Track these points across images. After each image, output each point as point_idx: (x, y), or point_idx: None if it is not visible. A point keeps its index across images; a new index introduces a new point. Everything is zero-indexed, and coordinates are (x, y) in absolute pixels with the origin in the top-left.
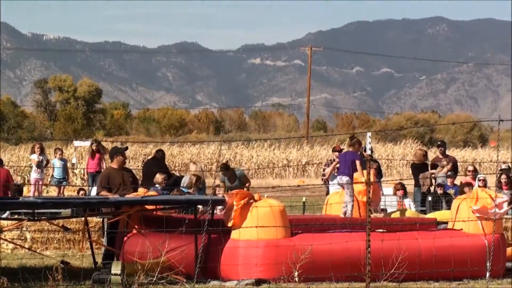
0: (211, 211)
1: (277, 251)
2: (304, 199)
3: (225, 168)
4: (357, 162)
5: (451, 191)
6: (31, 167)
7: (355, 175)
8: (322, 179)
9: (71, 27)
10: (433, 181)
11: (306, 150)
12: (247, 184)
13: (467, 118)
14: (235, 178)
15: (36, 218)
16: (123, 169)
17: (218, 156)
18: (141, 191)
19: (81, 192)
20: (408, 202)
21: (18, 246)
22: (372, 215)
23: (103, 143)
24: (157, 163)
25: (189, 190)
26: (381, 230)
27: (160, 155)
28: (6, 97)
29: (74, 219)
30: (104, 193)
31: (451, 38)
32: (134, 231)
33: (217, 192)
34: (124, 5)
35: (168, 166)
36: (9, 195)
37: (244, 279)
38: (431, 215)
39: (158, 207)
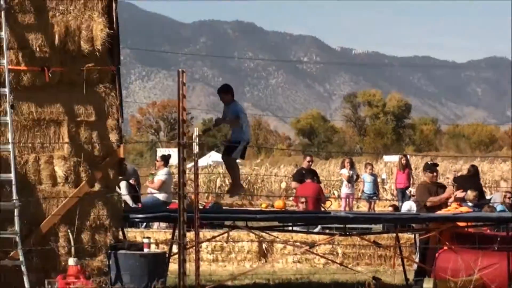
0: None
1: None
2: None
3: None
4: None
5: None
6: (341, 181)
7: None
8: None
9: (380, 42)
10: None
11: None
12: None
13: None
14: None
15: (347, 233)
16: (436, 184)
17: None
18: (453, 206)
19: (391, 208)
20: None
21: (330, 261)
22: None
23: (413, 158)
24: (469, 178)
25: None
26: None
27: (473, 170)
28: (316, 112)
29: (385, 235)
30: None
31: None
32: (446, 248)
33: None
34: (432, 20)
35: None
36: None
37: None
38: None
39: (469, 224)
